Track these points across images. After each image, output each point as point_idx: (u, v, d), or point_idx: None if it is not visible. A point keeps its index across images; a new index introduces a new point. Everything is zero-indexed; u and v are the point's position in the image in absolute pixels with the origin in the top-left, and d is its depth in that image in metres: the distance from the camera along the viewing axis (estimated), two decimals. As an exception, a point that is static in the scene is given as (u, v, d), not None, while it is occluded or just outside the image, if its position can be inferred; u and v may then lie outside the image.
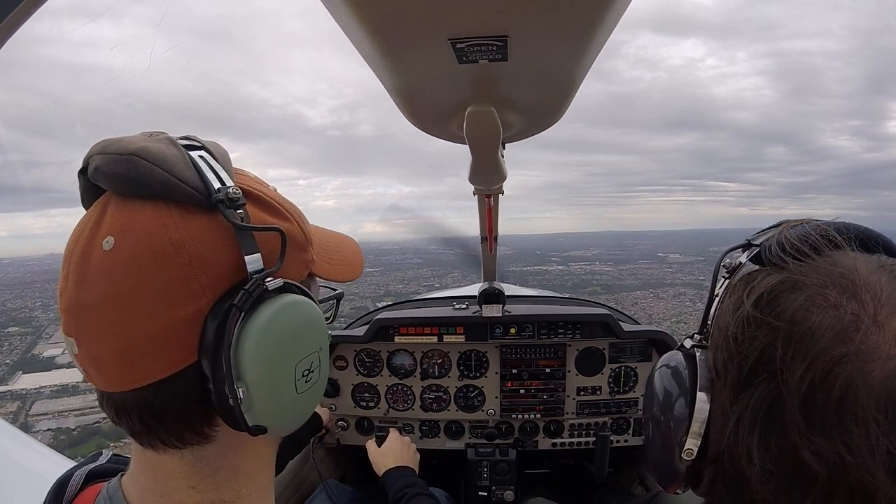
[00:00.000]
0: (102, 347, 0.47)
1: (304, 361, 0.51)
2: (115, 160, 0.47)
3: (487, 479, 1.96)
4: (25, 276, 26.67)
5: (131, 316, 0.46)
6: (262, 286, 0.48)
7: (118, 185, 0.48)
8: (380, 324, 1.98)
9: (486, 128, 0.74)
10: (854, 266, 0.47)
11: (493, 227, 1.55)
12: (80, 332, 0.48)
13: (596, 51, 0.58)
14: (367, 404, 2.04)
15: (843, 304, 0.44)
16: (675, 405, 0.56)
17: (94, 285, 0.46)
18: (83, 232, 0.48)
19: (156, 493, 0.54)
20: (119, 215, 0.48)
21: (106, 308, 0.46)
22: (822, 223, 0.53)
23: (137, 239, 0.46)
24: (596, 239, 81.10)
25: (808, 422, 0.42)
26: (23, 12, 0.74)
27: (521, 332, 1.96)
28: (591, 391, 2.00)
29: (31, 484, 1.30)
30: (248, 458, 0.56)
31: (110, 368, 0.48)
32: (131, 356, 0.46)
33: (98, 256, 0.46)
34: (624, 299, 30.36)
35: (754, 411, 0.46)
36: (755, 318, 0.48)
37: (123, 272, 0.46)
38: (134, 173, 0.46)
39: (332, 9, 0.50)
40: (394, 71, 0.61)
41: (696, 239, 68.27)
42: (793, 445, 0.43)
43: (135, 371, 0.47)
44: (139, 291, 0.46)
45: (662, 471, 0.59)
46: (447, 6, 0.47)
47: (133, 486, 0.56)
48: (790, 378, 0.43)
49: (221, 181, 0.48)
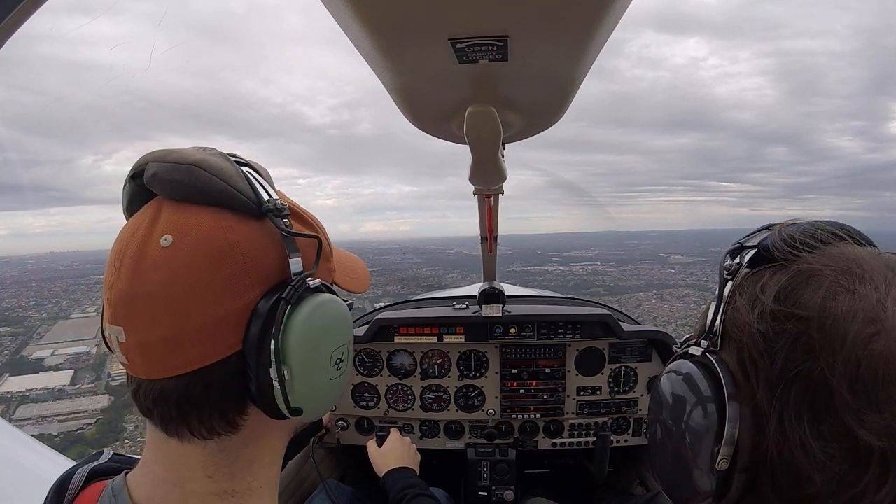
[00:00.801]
0: (152, 335, 0.51)
1: (337, 351, 0.58)
2: (174, 168, 0.52)
3: (487, 479, 1.96)
4: (23, 275, 26.46)
5: (186, 306, 0.51)
6: (305, 284, 0.54)
7: (176, 191, 0.53)
8: (380, 324, 1.98)
9: (487, 128, 0.74)
10: (860, 256, 0.50)
11: (493, 227, 1.55)
12: (131, 320, 0.51)
13: (596, 51, 0.58)
14: (367, 404, 2.04)
15: (860, 290, 0.47)
16: (698, 416, 0.54)
17: (150, 278, 0.51)
18: (138, 230, 0.53)
19: (169, 482, 0.56)
20: (176, 217, 0.53)
21: (160, 298, 0.50)
22: (815, 221, 0.56)
23: (196, 238, 0.51)
24: (596, 239, 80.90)
25: (857, 400, 0.43)
26: (23, 12, 0.74)
27: (521, 332, 1.96)
28: (591, 391, 2.00)
29: (30, 484, 1.30)
30: (265, 450, 0.60)
31: (159, 354, 0.51)
32: (180, 343, 0.51)
33: (155, 252, 0.51)
34: (627, 301, 29.86)
35: (798, 402, 0.47)
36: (780, 312, 0.49)
37: (181, 267, 0.51)
38: (195, 181, 0.52)
39: (333, 9, 0.50)
40: (394, 71, 0.61)
41: (697, 239, 68.07)
42: (846, 427, 0.44)
43: (182, 357, 0.51)
44: (196, 284, 0.51)
45: (684, 488, 0.57)
46: (447, 6, 0.47)
47: (143, 478, 0.58)
48: (833, 362, 0.45)
49: (269, 194, 0.56)
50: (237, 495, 0.58)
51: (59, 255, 25.49)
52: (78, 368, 17.54)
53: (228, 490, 0.57)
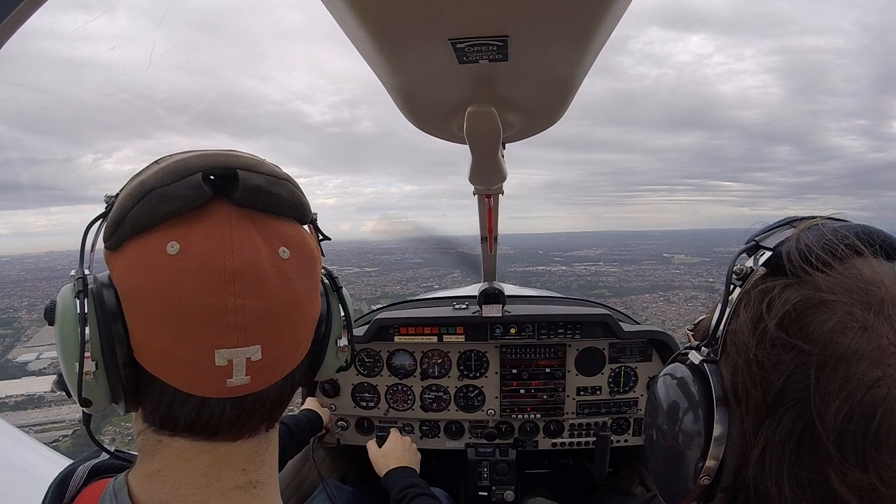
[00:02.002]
0: (282, 345, 0.54)
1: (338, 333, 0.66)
2: (274, 182, 0.54)
3: (487, 479, 1.96)
4: (20, 275, 26.03)
5: (305, 312, 0.56)
6: (337, 283, 0.67)
7: (273, 204, 0.54)
8: (380, 324, 1.98)
9: (487, 128, 0.74)
10: (880, 280, 0.44)
11: (493, 227, 1.55)
12: (269, 335, 0.52)
13: (596, 51, 0.58)
14: (367, 404, 2.04)
15: (874, 325, 0.41)
16: (686, 426, 0.53)
17: (281, 290, 0.53)
18: (251, 245, 0.51)
19: (193, 485, 0.54)
20: (280, 228, 0.55)
21: (293, 308, 0.54)
22: (840, 226, 0.49)
23: (299, 249, 0.56)
24: (597, 238, 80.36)
25: (843, 454, 0.40)
26: (23, 12, 0.74)
27: (521, 332, 1.96)
28: (591, 391, 2.00)
29: (30, 484, 1.30)
30: (275, 440, 0.64)
31: (280, 363, 0.54)
32: (299, 346, 0.57)
33: (279, 264, 0.53)
34: (633, 303, 28.86)
35: (782, 440, 0.44)
36: (780, 340, 0.45)
37: (299, 276, 0.55)
38: (292, 196, 0.56)
39: (333, 9, 0.49)
40: (394, 71, 0.61)
41: (699, 239, 67.61)
42: (826, 478, 0.41)
43: (293, 360, 0.56)
44: (309, 290, 0.57)
45: (671, 491, 0.56)
46: (447, 6, 0.47)
47: (151, 485, 0.55)
48: (824, 409, 0.41)
49: None
50: (259, 485, 0.59)
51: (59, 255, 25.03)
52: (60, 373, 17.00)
53: (253, 480, 0.58)
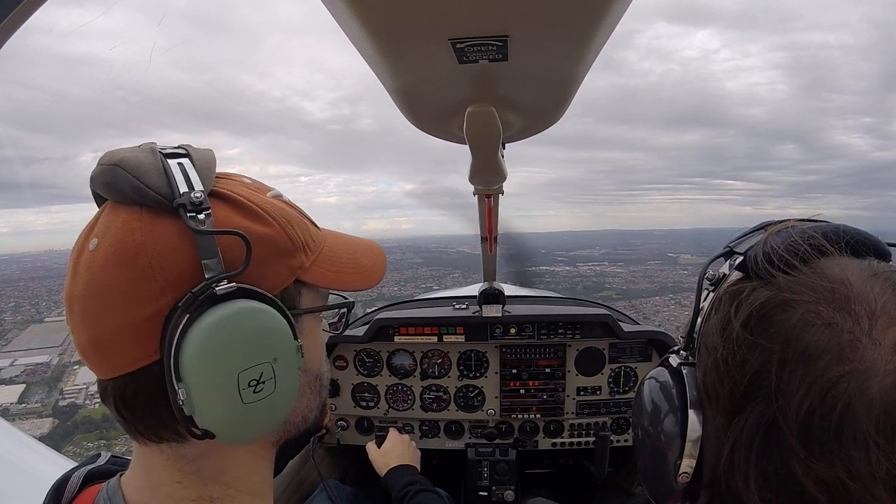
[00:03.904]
0: (82, 336, 0.52)
1: (251, 371, 0.50)
2: (102, 170, 0.51)
3: (487, 479, 1.96)
4: (14, 274, 25.43)
5: (101, 310, 0.50)
6: (210, 290, 0.48)
7: (106, 193, 0.53)
8: (379, 324, 1.98)
9: (487, 128, 0.74)
10: (845, 277, 0.44)
11: (493, 227, 1.54)
12: (71, 321, 0.53)
13: (596, 50, 0.58)
14: (367, 404, 2.04)
15: (838, 322, 0.42)
16: (665, 427, 0.54)
17: (78, 281, 0.51)
18: (82, 234, 0.54)
19: (147, 486, 0.56)
20: (105, 219, 0.52)
21: (84, 301, 0.51)
22: (808, 227, 0.50)
23: (110, 241, 0.50)
24: (600, 237, 79.88)
25: (807, 448, 0.41)
26: (23, 12, 0.74)
27: (521, 332, 1.96)
28: (590, 391, 2.00)
29: (29, 484, 1.30)
30: (233, 463, 0.57)
31: (91, 356, 0.52)
32: (103, 346, 0.51)
33: (85, 256, 0.51)
34: (643, 306, 27.41)
35: (750, 437, 0.44)
36: (746, 340, 0.46)
37: (98, 270, 0.50)
38: (114, 181, 0.50)
39: (333, 9, 0.49)
40: (394, 71, 0.61)
41: (702, 238, 66.99)
42: (791, 472, 0.42)
43: (109, 361, 0.51)
44: (107, 288, 0.50)
45: (657, 491, 0.58)
46: (447, 6, 0.47)
47: (130, 481, 0.58)
48: (786, 404, 0.42)
49: (190, 186, 0.50)
50: (216, 500, 0.55)
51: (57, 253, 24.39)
52: (31, 382, 15.53)
53: (205, 496, 0.55)
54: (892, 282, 0.44)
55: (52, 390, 15.02)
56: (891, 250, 0.50)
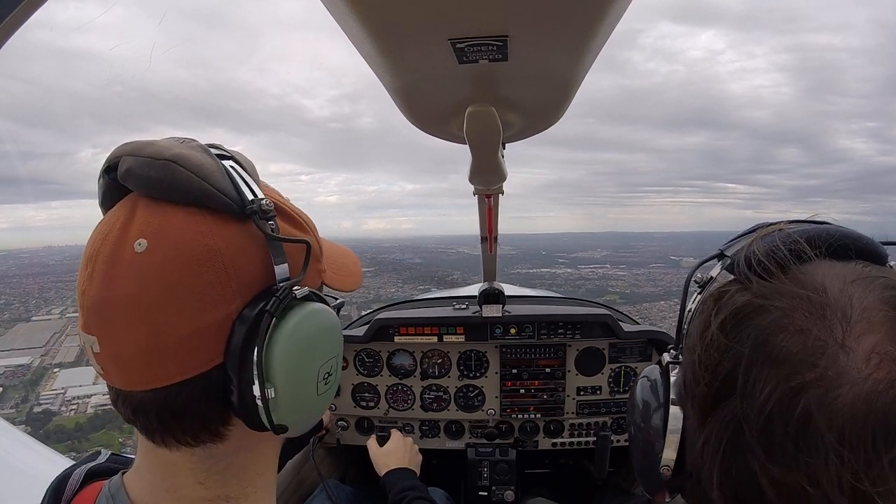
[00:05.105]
0: (128, 347, 0.48)
1: (326, 365, 0.54)
2: (149, 164, 0.48)
3: (487, 479, 1.96)
4: (10, 270, 24.83)
5: (162, 317, 0.47)
6: (291, 294, 0.50)
7: (151, 189, 0.49)
8: (380, 324, 1.98)
9: (487, 128, 0.74)
10: (822, 284, 0.44)
11: (493, 227, 1.55)
12: (105, 330, 0.48)
13: (596, 50, 0.58)
14: (367, 404, 2.04)
15: (810, 329, 0.41)
16: (653, 421, 0.56)
17: (123, 285, 0.47)
18: (111, 232, 0.49)
19: (161, 488, 0.55)
20: (151, 218, 0.49)
21: (136, 308, 0.47)
22: (795, 231, 0.49)
23: (173, 243, 0.47)
24: (600, 239, 79.55)
25: (767, 452, 0.41)
26: (23, 12, 0.74)
27: (521, 332, 1.96)
28: (591, 391, 2.00)
29: (28, 483, 1.30)
30: (257, 458, 0.59)
31: (134, 367, 0.48)
32: (158, 356, 0.48)
33: (129, 257, 0.47)
34: (648, 311, 26.95)
35: (718, 436, 0.45)
36: (721, 342, 0.46)
37: (157, 274, 0.47)
38: (171, 179, 0.48)
39: (332, 8, 0.50)
40: (394, 71, 0.61)
41: (704, 241, 67.00)
42: (752, 473, 0.42)
43: (159, 371, 0.48)
44: (172, 294, 0.47)
45: (647, 482, 0.60)
46: (447, 6, 0.47)
47: (138, 482, 0.57)
48: (749, 406, 0.42)
49: (253, 192, 0.51)
50: (232, 500, 0.56)
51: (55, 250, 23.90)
52: (8, 386, 14.96)
53: (222, 495, 0.56)
54: (876, 286, 0.43)
55: (29, 395, 14.70)
56: (890, 250, 0.49)
